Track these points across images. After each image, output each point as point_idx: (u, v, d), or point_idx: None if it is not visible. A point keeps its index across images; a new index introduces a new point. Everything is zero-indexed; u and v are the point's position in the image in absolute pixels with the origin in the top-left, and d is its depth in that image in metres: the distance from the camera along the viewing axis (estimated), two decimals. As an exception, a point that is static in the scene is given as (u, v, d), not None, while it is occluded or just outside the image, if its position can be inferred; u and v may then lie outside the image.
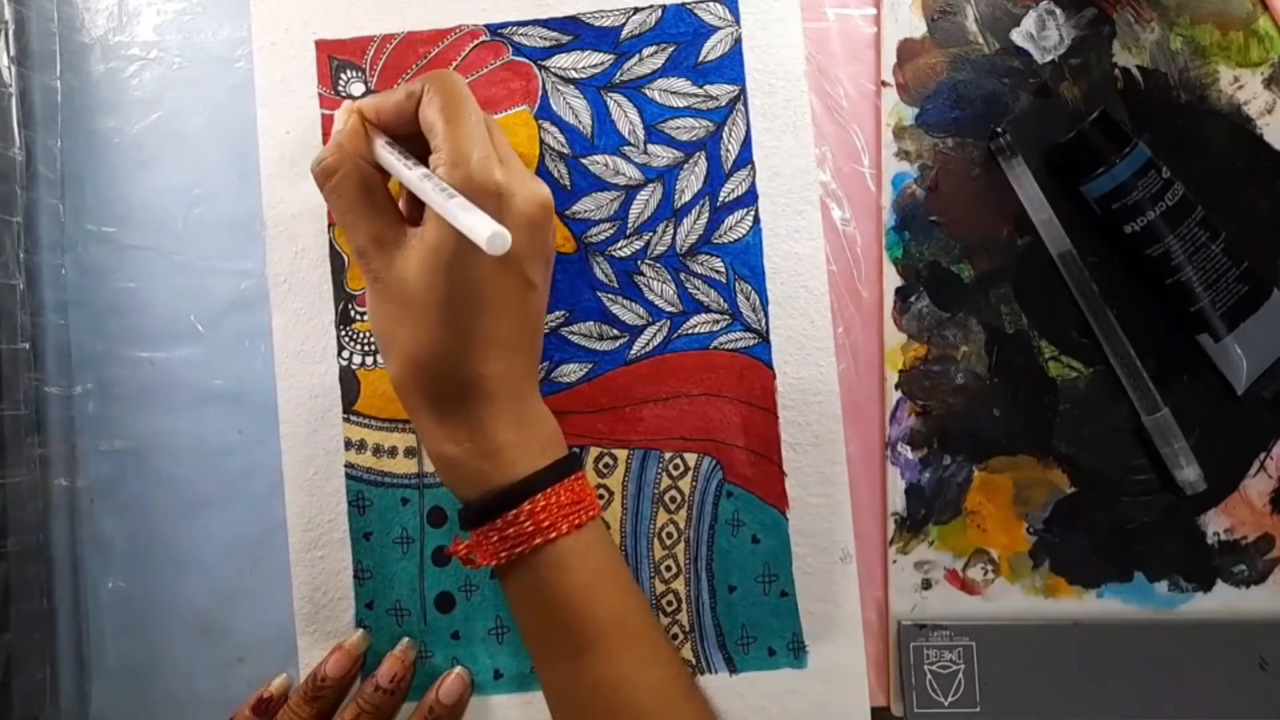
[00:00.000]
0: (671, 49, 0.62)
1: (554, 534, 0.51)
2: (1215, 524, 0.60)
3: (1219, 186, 0.60)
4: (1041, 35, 0.61)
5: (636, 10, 0.62)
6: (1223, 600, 0.60)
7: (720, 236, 0.61)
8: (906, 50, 0.62)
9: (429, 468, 0.61)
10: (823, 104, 0.62)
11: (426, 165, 0.51)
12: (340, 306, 0.61)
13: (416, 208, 0.53)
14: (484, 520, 0.52)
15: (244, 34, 0.63)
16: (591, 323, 0.61)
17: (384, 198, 0.53)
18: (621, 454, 0.61)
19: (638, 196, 0.62)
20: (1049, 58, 0.61)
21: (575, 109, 0.62)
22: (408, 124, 0.52)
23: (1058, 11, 0.61)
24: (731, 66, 0.62)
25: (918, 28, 0.62)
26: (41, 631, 0.61)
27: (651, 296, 0.61)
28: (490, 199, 0.49)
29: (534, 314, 0.54)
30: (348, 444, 0.61)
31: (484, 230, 0.44)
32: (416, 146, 0.53)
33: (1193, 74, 0.61)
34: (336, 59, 0.62)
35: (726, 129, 0.62)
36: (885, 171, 0.61)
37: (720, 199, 0.62)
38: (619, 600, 0.53)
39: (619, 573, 0.54)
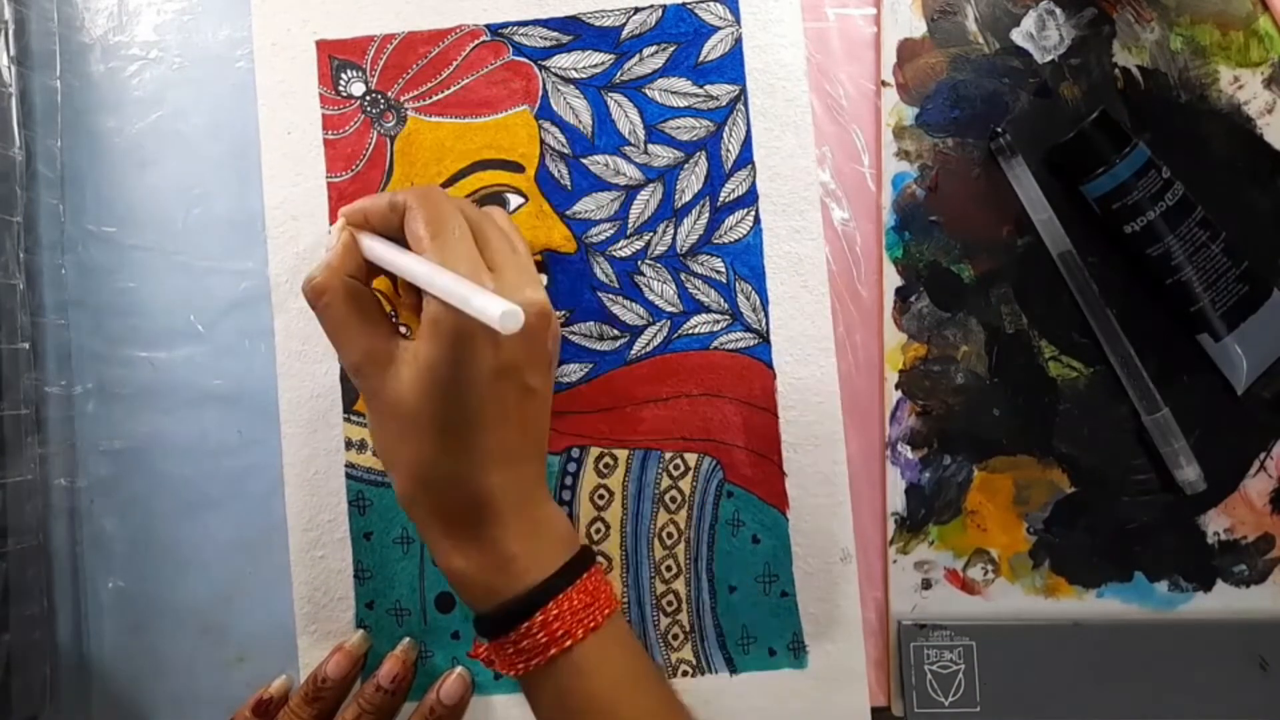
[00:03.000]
0: (672, 49, 0.62)
1: (569, 642, 0.50)
2: (1215, 524, 0.60)
3: (1219, 186, 0.60)
4: (1041, 35, 0.61)
5: (637, 10, 0.62)
6: (1223, 600, 0.60)
7: (721, 236, 0.61)
8: (906, 50, 0.62)
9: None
10: (823, 104, 0.62)
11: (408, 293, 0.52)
12: (341, 306, 0.61)
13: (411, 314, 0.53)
14: (498, 633, 0.51)
15: (244, 34, 0.63)
16: (592, 323, 0.61)
17: (376, 313, 0.52)
18: (622, 454, 0.61)
19: (638, 196, 0.62)
20: (1049, 58, 0.61)
21: (575, 109, 0.62)
22: (394, 232, 0.52)
23: (1058, 11, 0.61)
24: (732, 66, 0.62)
25: (918, 28, 0.62)
26: (41, 631, 0.61)
27: (652, 297, 0.61)
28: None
29: (536, 419, 0.53)
30: (348, 444, 0.61)
31: (495, 309, 0.43)
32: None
33: (1193, 74, 0.61)
34: (337, 59, 0.62)
35: (727, 129, 0.62)
36: (885, 171, 0.61)
37: (721, 199, 0.62)
38: (644, 704, 0.52)
39: (643, 673, 0.53)
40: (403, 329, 0.54)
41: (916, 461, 0.61)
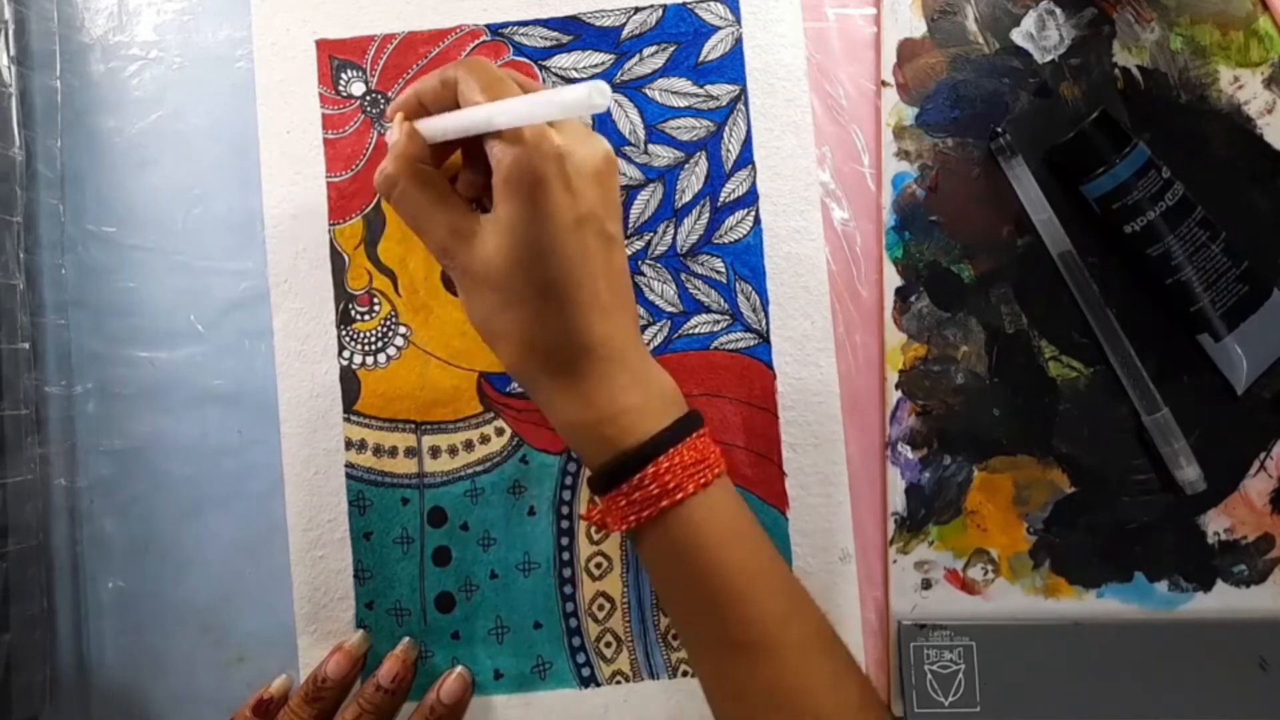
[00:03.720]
0: (672, 49, 0.62)
1: (680, 495, 0.51)
2: (1215, 524, 0.60)
3: (1219, 186, 0.60)
4: (1041, 35, 0.61)
5: (637, 10, 0.62)
6: (1223, 600, 0.60)
7: (721, 237, 0.61)
8: (906, 50, 0.62)
9: (429, 468, 0.61)
10: (823, 104, 0.62)
11: (473, 173, 0.52)
12: (341, 306, 0.62)
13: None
14: (611, 486, 0.51)
15: (244, 34, 0.63)
16: (592, 323, 0.61)
17: (451, 193, 0.53)
18: (622, 454, 0.61)
19: (638, 196, 0.62)
20: (1049, 58, 0.61)
21: (576, 109, 0.62)
22: (450, 101, 0.52)
23: (1058, 11, 0.61)
24: (732, 66, 0.62)
25: (918, 28, 0.62)
26: (41, 631, 0.61)
27: (652, 297, 0.61)
28: (552, 163, 0.49)
29: (621, 268, 0.54)
30: (348, 444, 0.61)
31: (581, 91, 0.44)
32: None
33: (1193, 74, 0.61)
34: (337, 59, 0.62)
35: (727, 129, 0.62)
36: (885, 171, 0.61)
37: (721, 199, 0.61)
38: (754, 556, 0.52)
39: (752, 529, 0.54)
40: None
41: (916, 461, 0.61)
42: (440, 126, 0.52)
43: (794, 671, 0.51)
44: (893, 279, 0.61)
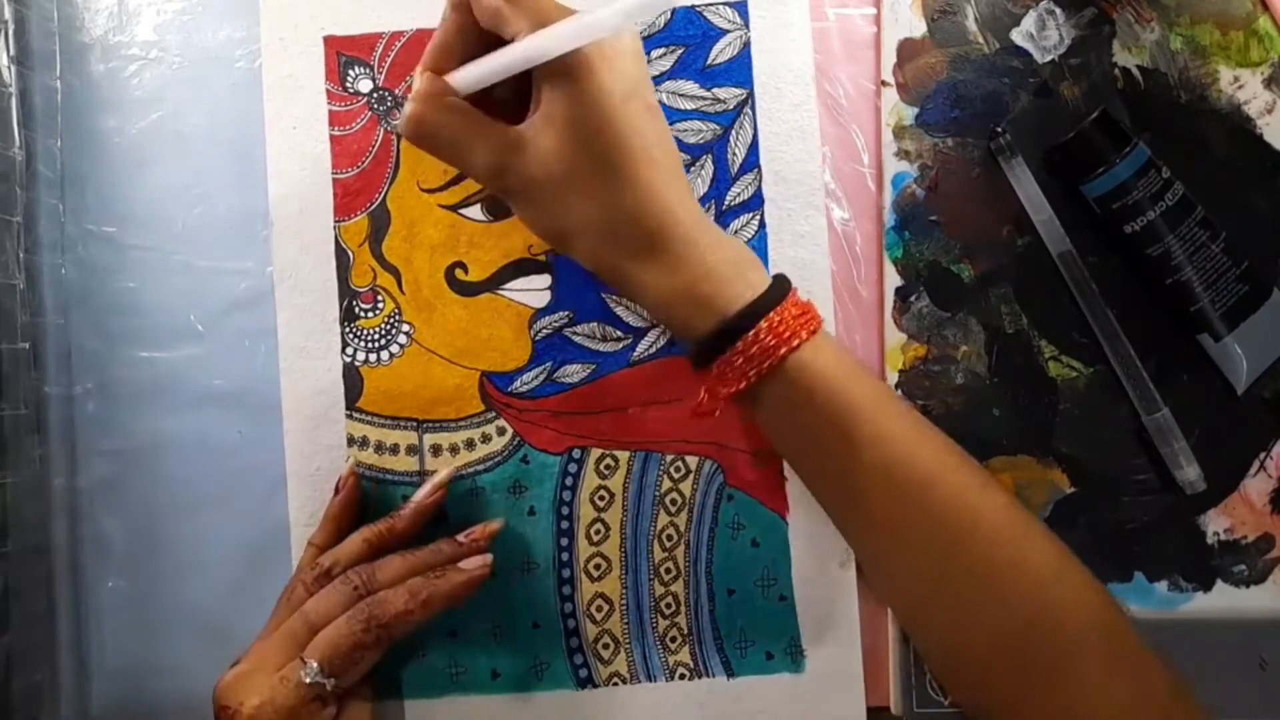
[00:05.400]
0: (680, 51, 0.62)
1: (796, 341, 0.52)
2: (1215, 524, 0.60)
3: (1219, 186, 0.60)
4: (1041, 35, 0.61)
5: (643, 11, 0.62)
6: (1223, 600, 0.60)
7: (724, 239, 0.61)
8: (906, 50, 0.62)
9: (430, 465, 0.61)
10: (823, 104, 0.62)
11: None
12: (344, 303, 0.61)
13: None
14: (724, 348, 0.52)
15: (244, 34, 0.63)
16: (595, 324, 0.61)
17: (483, 116, 0.53)
18: (623, 455, 0.61)
19: (641, 197, 0.62)
20: (1049, 57, 0.61)
21: (581, 109, 0.62)
22: (471, 39, 0.52)
23: (1058, 11, 0.61)
24: (740, 70, 0.62)
25: (918, 27, 0.62)
26: (41, 631, 0.61)
27: (654, 298, 0.61)
28: (591, 44, 0.49)
29: (669, 137, 0.54)
30: (350, 441, 0.61)
31: (611, 11, 0.45)
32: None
33: (1193, 74, 0.61)
34: (345, 55, 0.62)
35: (734, 132, 0.62)
36: (885, 171, 0.62)
37: (726, 202, 0.61)
38: (872, 386, 0.54)
39: (861, 366, 0.55)
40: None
41: (917, 461, 0.61)
42: (476, 73, 0.52)
43: (932, 483, 0.52)
44: (893, 279, 0.61)
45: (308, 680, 0.52)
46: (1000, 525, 0.52)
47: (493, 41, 0.51)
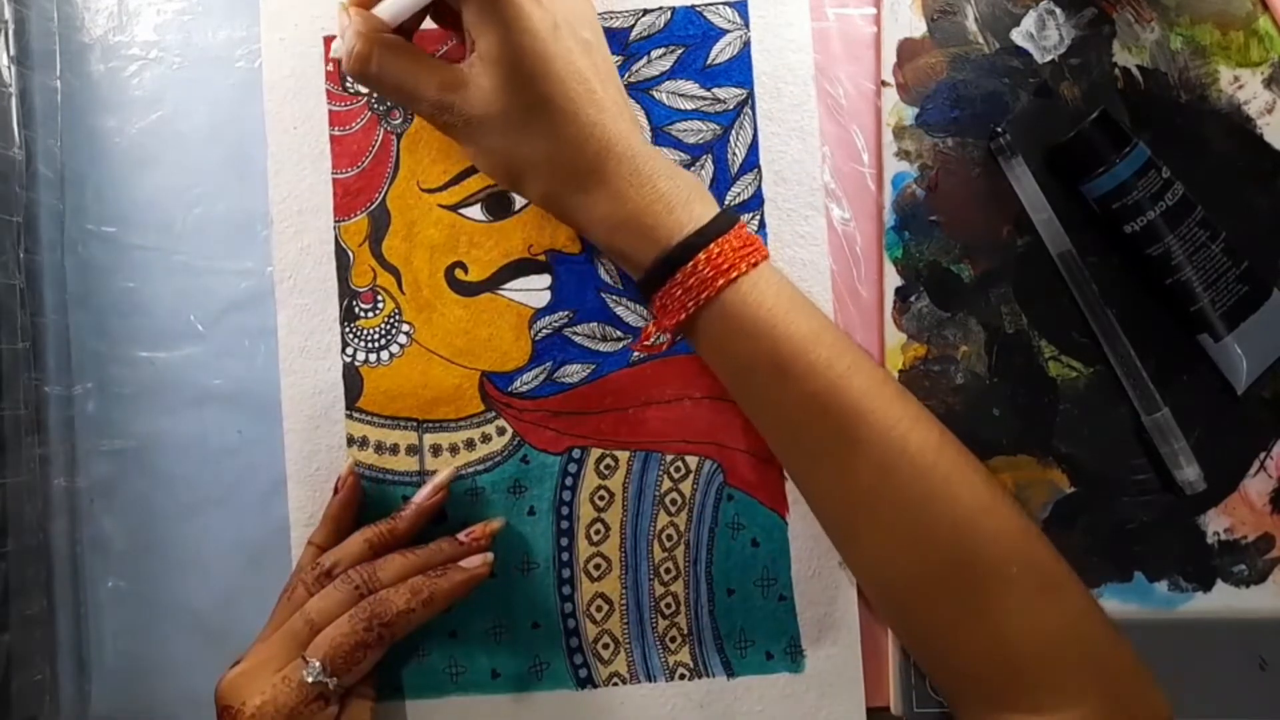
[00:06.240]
0: (680, 51, 0.62)
1: (734, 273, 0.52)
2: (1215, 524, 0.60)
3: (1219, 186, 0.60)
4: (1041, 35, 0.61)
5: (646, 12, 0.62)
6: (1223, 600, 0.60)
7: (724, 239, 0.61)
8: (906, 50, 0.62)
9: (430, 465, 0.61)
10: (823, 104, 0.62)
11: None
12: (344, 303, 0.61)
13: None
14: (664, 279, 0.53)
15: (244, 34, 0.63)
16: (595, 323, 0.61)
17: (423, 52, 0.54)
18: (623, 455, 0.61)
19: (642, 198, 0.62)
20: (1049, 57, 0.61)
21: (581, 109, 0.62)
22: None
23: (1058, 11, 0.61)
24: (740, 70, 0.62)
25: (918, 27, 0.62)
26: (41, 631, 0.61)
27: (654, 298, 0.61)
28: None
29: (609, 69, 0.55)
30: (350, 441, 0.61)
31: None
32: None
33: (1193, 74, 0.61)
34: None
35: (734, 132, 0.62)
36: (885, 171, 0.62)
37: (726, 202, 0.61)
38: (810, 320, 0.54)
39: (804, 299, 0.55)
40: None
41: (917, 461, 0.61)
42: (398, 6, 0.53)
43: (863, 414, 0.52)
44: (893, 279, 0.61)
45: (310, 680, 0.52)
46: (930, 459, 0.52)
47: None
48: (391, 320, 0.61)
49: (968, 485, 0.52)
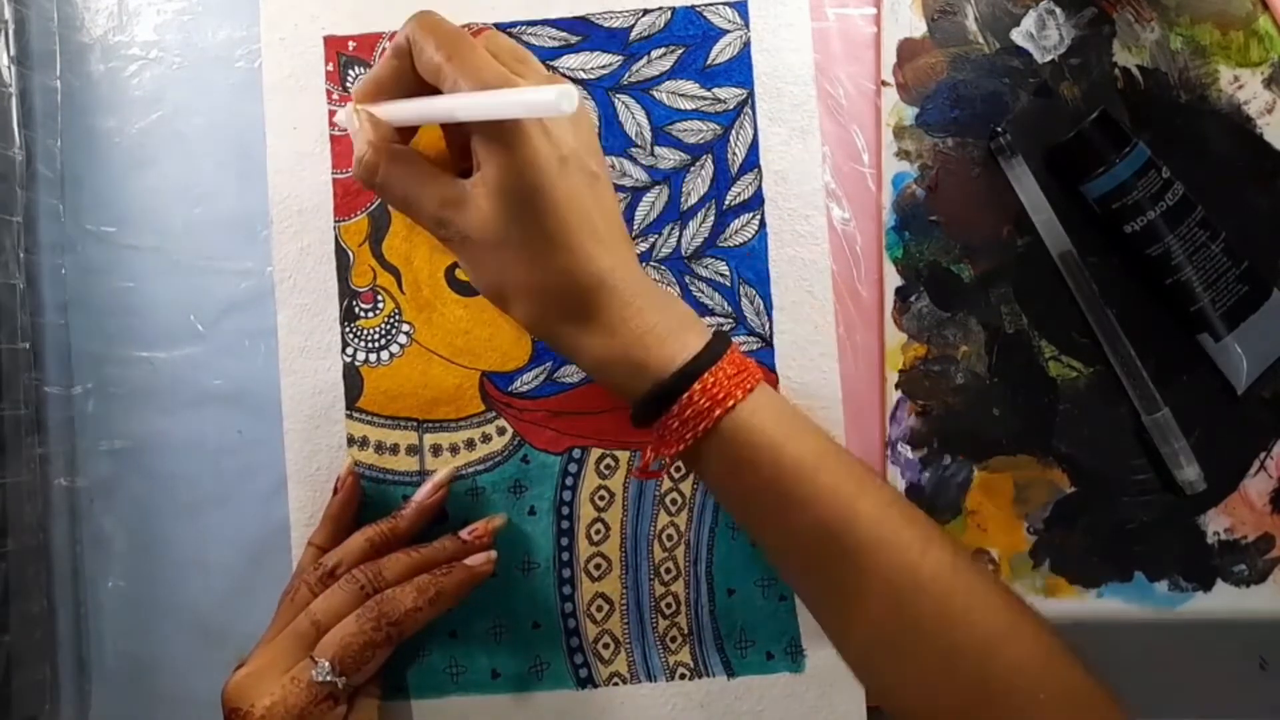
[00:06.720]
0: (680, 51, 0.62)
1: (731, 402, 0.51)
2: (1215, 524, 0.60)
3: (1219, 186, 0.60)
4: (1041, 35, 0.61)
5: (646, 12, 0.62)
6: (1223, 600, 0.60)
7: (725, 240, 0.61)
8: (906, 50, 0.62)
9: (430, 465, 0.61)
10: (823, 104, 0.62)
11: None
12: (344, 303, 0.62)
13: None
14: (661, 411, 0.52)
15: (244, 33, 0.63)
16: (594, 323, 0.61)
17: (430, 165, 0.53)
18: (623, 455, 0.61)
19: (644, 199, 0.62)
20: (1049, 57, 0.61)
21: (582, 109, 0.62)
22: (409, 85, 0.52)
23: (1058, 11, 0.61)
24: (740, 70, 0.62)
25: (918, 27, 0.62)
26: (41, 631, 0.61)
27: (654, 298, 0.61)
28: None
29: (613, 205, 0.54)
30: (350, 441, 0.61)
31: (549, 94, 0.44)
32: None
33: (1193, 74, 0.61)
34: (345, 55, 0.62)
35: (734, 132, 0.62)
36: (885, 171, 0.62)
37: (726, 202, 0.61)
38: (813, 441, 0.53)
39: (804, 421, 0.54)
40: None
41: (916, 461, 0.61)
42: (401, 113, 0.53)
43: (871, 545, 0.51)
44: (893, 279, 0.61)
45: (319, 679, 0.52)
46: (945, 584, 0.51)
47: (430, 90, 0.52)
48: (391, 320, 0.61)
49: (988, 609, 0.51)
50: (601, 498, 0.61)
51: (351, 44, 0.62)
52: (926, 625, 0.50)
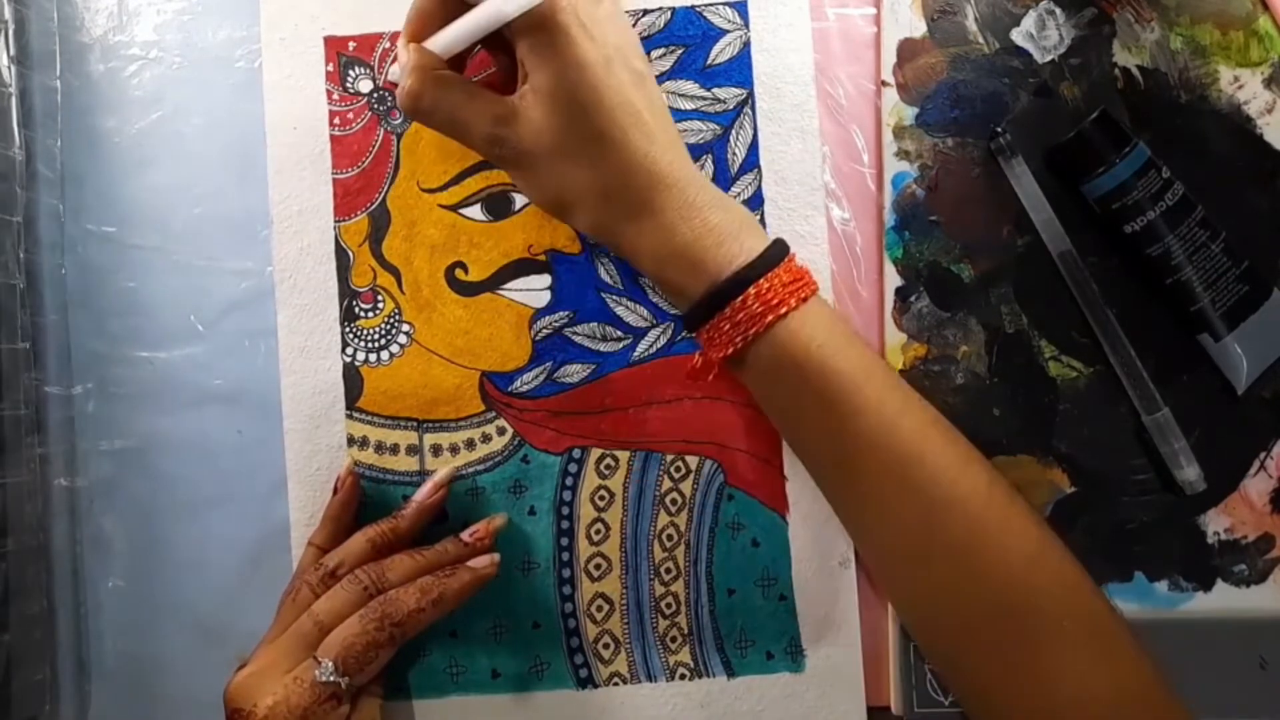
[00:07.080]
0: (680, 51, 0.62)
1: (784, 309, 0.52)
2: (1215, 524, 0.60)
3: (1219, 186, 0.60)
4: (1041, 35, 0.61)
5: (646, 12, 0.62)
6: (1223, 600, 0.60)
7: (725, 239, 0.61)
8: (906, 50, 0.62)
9: (430, 465, 0.61)
10: (823, 104, 0.62)
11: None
12: (344, 303, 0.62)
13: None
14: (713, 313, 0.53)
15: (244, 33, 0.63)
16: (595, 324, 0.61)
17: (477, 86, 0.54)
18: (623, 455, 0.61)
19: (642, 198, 0.62)
20: (1049, 57, 0.61)
21: (582, 109, 0.62)
22: (453, 9, 0.53)
23: (1058, 11, 0.61)
24: (740, 70, 0.62)
25: (918, 27, 0.62)
26: (41, 631, 0.61)
27: (656, 299, 0.61)
28: (567, 14, 0.50)
29: (662, 103, 0.55)
30: (350, 441, 0.61)
31: None
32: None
33: (1193, 74, 0.61)
34: (345, 56, 0.62)
35: (734, 132, 0.62)
36: (885, 171, 0.61)
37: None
38: (861, 356, 0.53)
39: (854, 335, 0.55)
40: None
41: (917, 461, 0.61)
42: (448, 38, 0.53)
43: (912, 459, 0.52)
44: (893, 279, 0.61)
45: (323, 680, 0.52)
46: (980, 505, 0.52)
47: (470, 7, 0.52)
48: (391, 320, 0.61)
49: (1019, 534, 0.52)
50: (601, 498, 0.61)
51: (351, 44, 0.62)
52: (958, 542, 0.51)
